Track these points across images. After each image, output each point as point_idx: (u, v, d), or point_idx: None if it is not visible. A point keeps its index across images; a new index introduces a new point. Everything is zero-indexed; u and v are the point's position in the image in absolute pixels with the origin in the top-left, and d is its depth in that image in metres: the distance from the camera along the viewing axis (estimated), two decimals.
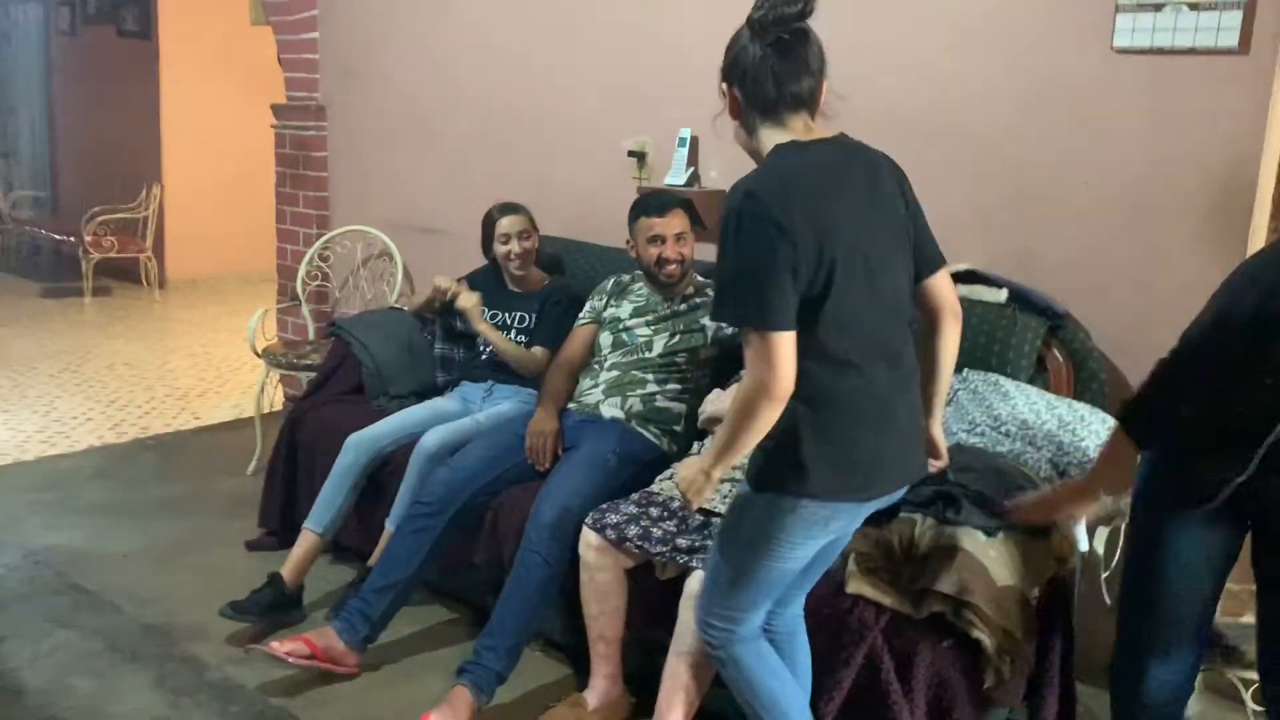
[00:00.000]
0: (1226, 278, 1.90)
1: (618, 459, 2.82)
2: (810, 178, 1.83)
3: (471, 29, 4.15)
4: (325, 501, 3.11)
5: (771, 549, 1.91)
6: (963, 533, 2.25)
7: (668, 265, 2.98)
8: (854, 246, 1.81)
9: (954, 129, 3.01)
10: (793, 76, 1.87)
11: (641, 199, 3.10)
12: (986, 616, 2.12)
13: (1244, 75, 2.52)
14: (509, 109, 4.08)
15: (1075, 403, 2.64)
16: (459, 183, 4.28)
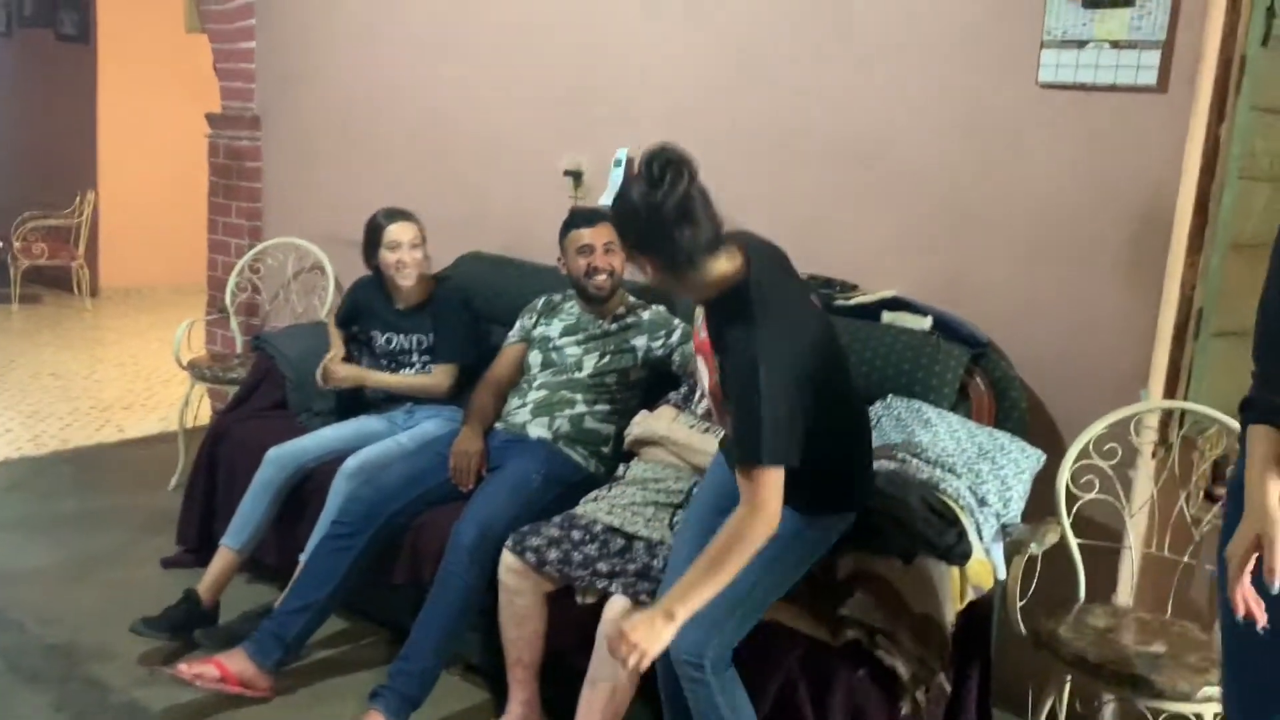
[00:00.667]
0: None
1: (542, 480, 2.79)
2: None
3: (410, 42, 4.12)
4: (243, 517, 3.04)
5: (802, 566, 2.15)
6: (878, 560, 2.25)
7: (597, 275, 2.96)
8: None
9: (883, 159, 3.03)
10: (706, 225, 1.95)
11: (570, 215, 3.08)
12: (903, 644, 2.12)
13: (1162, 112, 2.56)
14: (447, 124, 4.05)
15: (996, 431, 2.66)
16: (394, 196, 4.17)
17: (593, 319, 3.05)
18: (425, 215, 3.90)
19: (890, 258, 3.03)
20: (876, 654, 2.13)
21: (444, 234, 3.95)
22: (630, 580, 2.38)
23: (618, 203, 2.05)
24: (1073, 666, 2.24)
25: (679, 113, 3.42)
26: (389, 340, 3.31)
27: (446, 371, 3.24)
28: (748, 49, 3.27)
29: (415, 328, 3.30)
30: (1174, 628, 2.38)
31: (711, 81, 3.35)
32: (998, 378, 2.78)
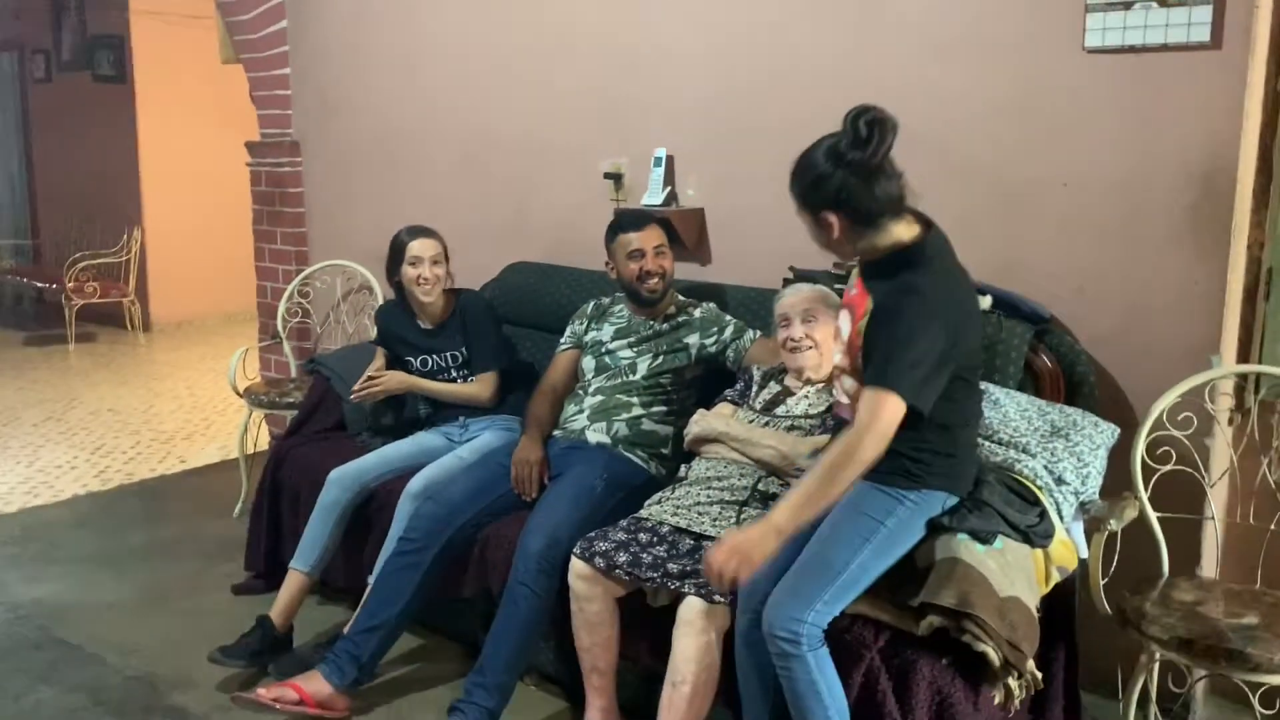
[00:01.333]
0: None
1: (605, 485, 2.77)
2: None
3: (445, 57, 4.13)
4: (310, 540, 3.06)
5: (904, 546, 2.13)
6: (960, 544, 2.19)
7: (650, 279, 2.94)
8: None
9: (932, 140, 2.96)
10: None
11: (617, 218, 3.07)
12: (991, 629, 2.05)
13: (1217, 69, 2.49)
14: (485, 136, 4.05)
15: (1066, 407, 2.59)
16: (435, 211, 4.21)
17: (644, 320, 3.03)
18: (467, 227, 3.93)
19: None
20: (964, 639, 2.07)
21: (488, 245, 3.98)
22: (702, 580, 2.35)
23: (807, 162, 2.12)
24: (1162, 644, 2.17)
25: (718, 110, 3.39)
26: (424, 363, 3.32)
27: (487, 380, 3.25)
28: (784, 40, 3.24)
29: (447, 345, 3.30)
30: (1265, 598, 2.31)
31: (749, 76, 3.32)
32: (1063, 353, 2.72)
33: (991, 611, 2.08)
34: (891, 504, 2.12)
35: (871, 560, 2.11)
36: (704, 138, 3.44)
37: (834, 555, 2.08)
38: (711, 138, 3.42)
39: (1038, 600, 2.19)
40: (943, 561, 2.17)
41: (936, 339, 2.00)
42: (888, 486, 2.13)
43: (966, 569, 2.13)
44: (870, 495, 2.13)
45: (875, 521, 2.11)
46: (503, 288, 3.77)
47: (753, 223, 3.35)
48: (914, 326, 2.00)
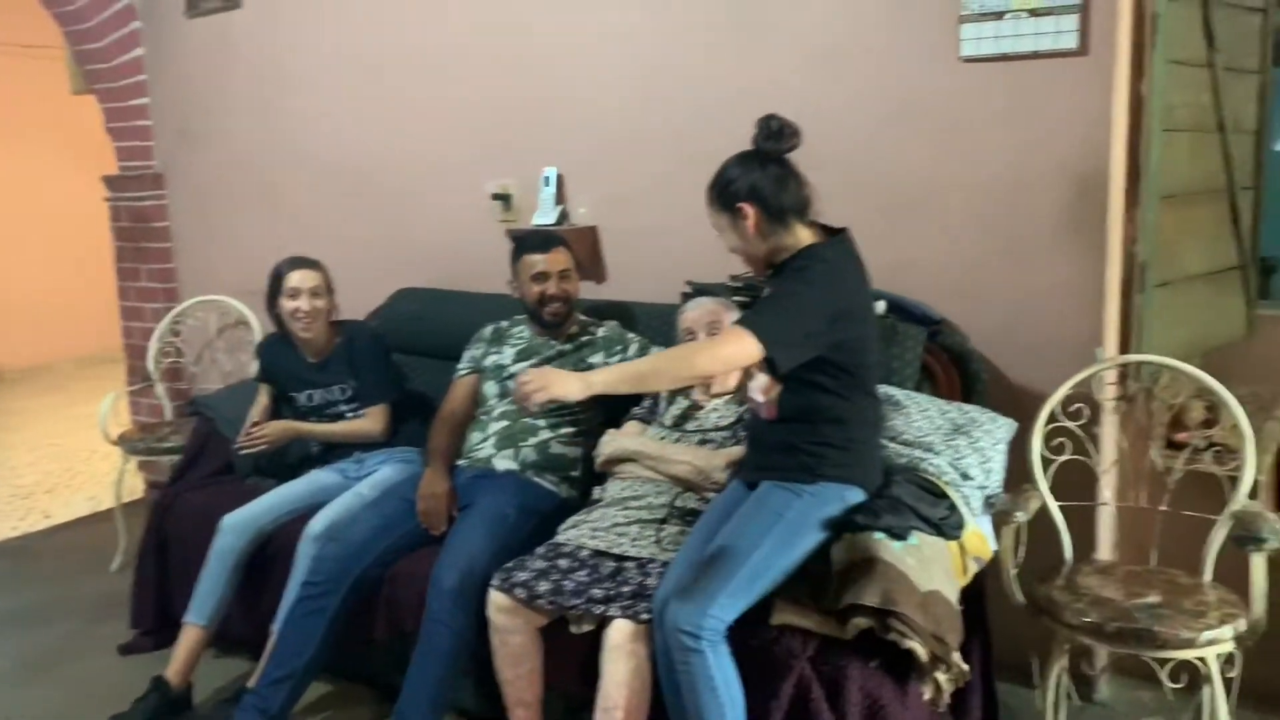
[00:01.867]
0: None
1: (517, 513, 2.72)
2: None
3: (315, 82, 4.01)
4: (205, 591, 2.90)
5: (806, 540, 2.18)
6: (877, 544, 2.21)
7: (552, 303, 2.91)
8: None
9: (816, 149, 3.01)
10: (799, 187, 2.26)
11: (524, 237, 3.02)
12: (915, 624, 2.08)
13: (1085, 74, 2.61)
14: (362, 161, 3.94)
15: (964, 405, 2.67)
16: (313, 242, 4.05)
17: (546, 341, 2.99)
18: (350, 256, 3.82)
19: None
20: (889, 638, 2.10)
21: (373, 272, 3.87)
22: (628, 602, 2.32)
23: (724, 165, 2.29)
24: (1075, 629, 2.25)
25: (606, 128, 3.39)
26: (310, 397, 3.20)
27: (377, 414, 3.16)
28: (669, 56, 3.25)
29: (333, 379, 3.19)
30: (1162, 576, 2.42)
31: (636, 93, 3.32)
32: (956, 353, 2.80)
33: (914, 607, 2.10)
34: (790, 497, 2.21)
35: (773, 554, 2.16)
36: (593, 156, 3.43)
37: (736, 549, 2.14)
38: (601, 155, 3.41)
39: (958, 592, 2.24)
40: (862, 562, 2.19)
41: (812, 311, 2.11)
42: (786, 482, 2.24)
43: (886, 567, 2.16)
44: (771, 492, 2.24)
45: (775, 514, 2.19)
46: (391, 316, 3.67)
47: (646, 239, 3.35)
48: (793, 293, 2.14)
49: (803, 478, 2.24)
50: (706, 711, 2.07)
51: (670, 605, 2.11)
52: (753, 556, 2.14)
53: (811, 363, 2.17)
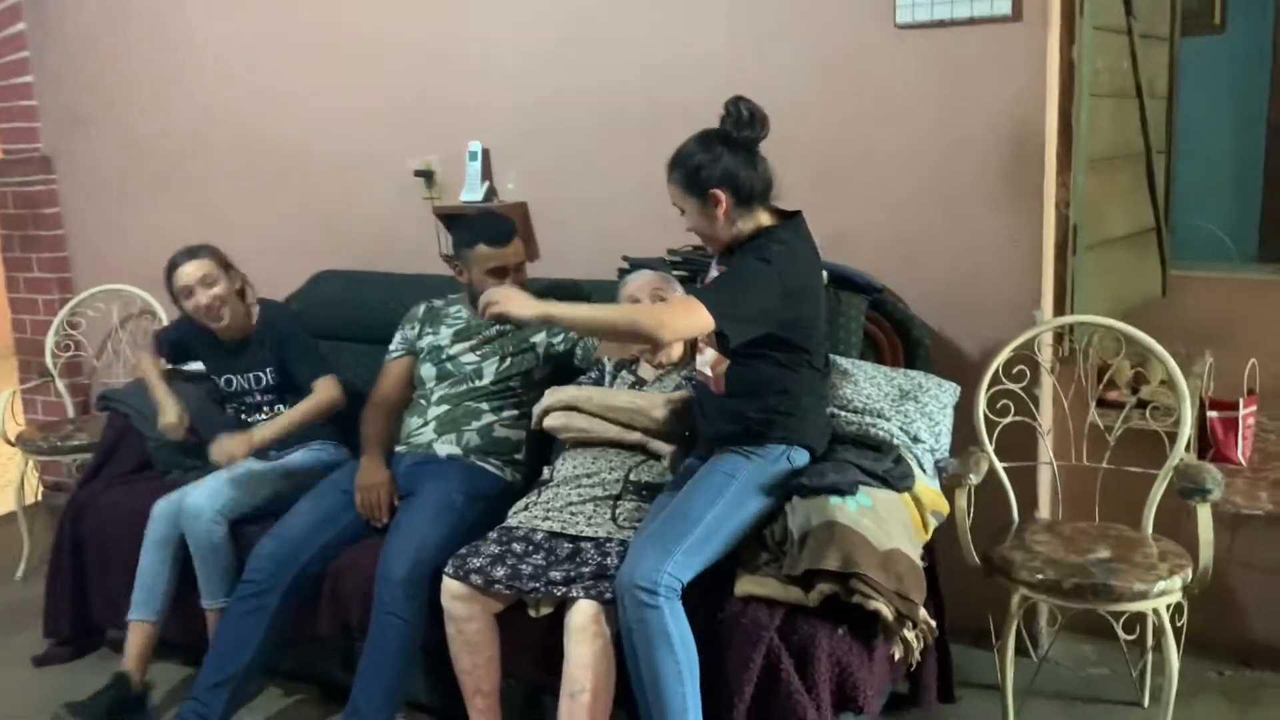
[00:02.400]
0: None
1: (463, 498, 2.64)
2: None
3: (218, 59, 3.81)
4: (146, 584, 2.75)
5: (756, 501, 2.23)
6: (833, 508, 2.20)
7: None
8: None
9: None
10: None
11: (476, 223, 2.90)
12: (879, 585, 2.07)
13: (1020, 39, 2.64)
14: (273, 141, 3.77)
15: (909, 371, 2.69)
16: (220, 224, 3.89)
17: (486, 322, 2.90)
18: (263, 239, 3.68)
19: None
20: (854, 601, 2.09)
21: (290, 257, 3.72)
22: (589, 582, 2.27)
23: (694, 146, 2.27)
24: (1033, 587, 2.29)
25: (532, 100, 3.30)
26: (228, 382, 3.05)
27: (327, 384, 2.98)
28: (596, 25, 3.18)
29: (251, 365, 3.03)
30: (1108, 532, 2.48)
31: (564, 63, 3.24)
32: (898, 319, 2.81)
33: (875, 568, 2.10)
34: (739, 460, 2.28)
35: (725, 515, 2.21)
36: (520, 129, 3.34)
37: (690, 510, 2.20)
38: (528, 129, 3.32)
39: (919, 549, 2.25)
40: (819, 528, 2.17)
41: (765, 289, 2.16)
42: (737, 447, 2.30)
43: (844, 530, 2.14)
44: (724, 457, 2.30)
45: (726, 476, 2.25)
46: (312, 299, 3.53)
47: (579, 213, 3.28)
48: (749, 271, 2.18)
49: (750, 442, 2.30)
50: (663, 669, 2.07)
51: (627, 562, 2.13)
52: (706, 517, 2.19)
53: (761, 339, 2.21)
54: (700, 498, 2.23)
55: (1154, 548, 2.37)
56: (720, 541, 2.20)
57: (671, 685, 2.07)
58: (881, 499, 2.26)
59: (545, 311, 2.13)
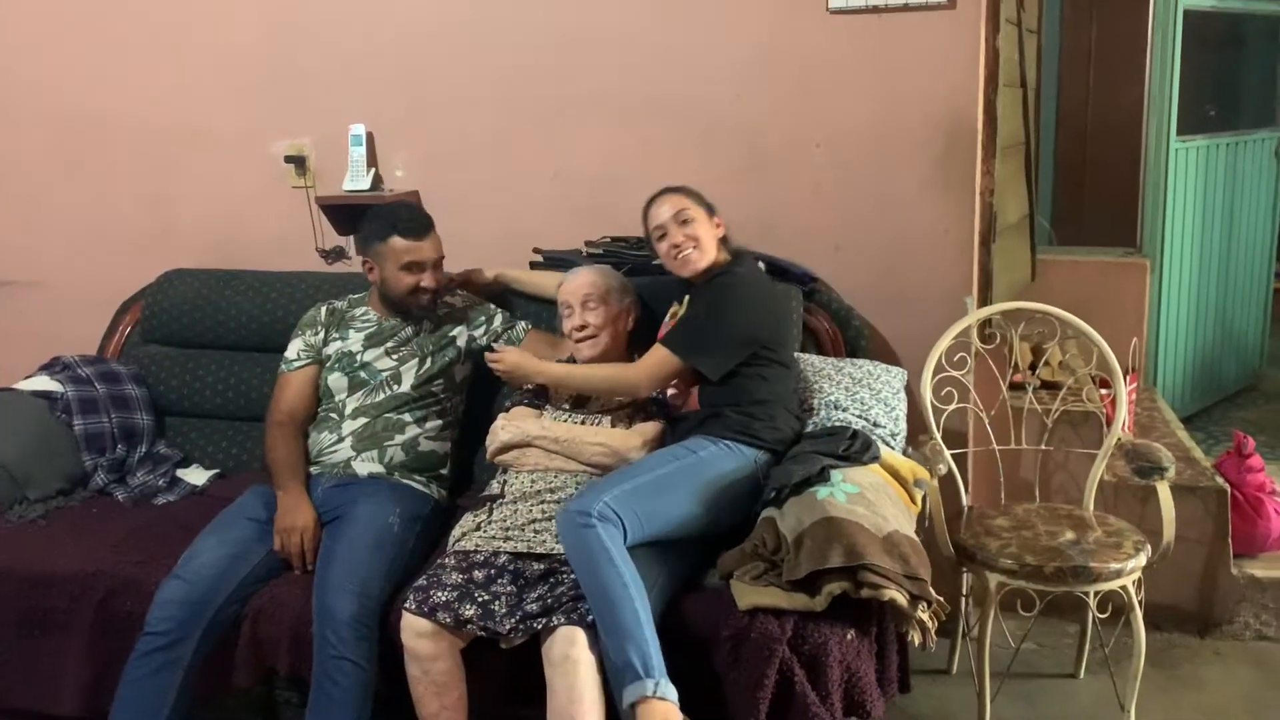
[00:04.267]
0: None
1: (400, 521, 2.37)
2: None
3: (31, 25, 3.27)
4: None
5: (703, 475, 2.23)
6: (821, 503, 2.11)
7: (424, 295, 2.55)
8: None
9: (674, 102, 2.88)
10: None
11: (389, 213, 2.60)
12: (888, 571, 2.00)
13: (953, 27, 2.65)
14: (104, 121, 3.28)
15: (856, 360, 2.66)
16: (37, 219, 3.39)
17: (400, 322, 2.62)
18: (88, 233, 3.29)
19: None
20: (863, 594, 2.01)
21: (126, 253, 3.27)
22: (568, 605, 2.08)
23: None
24: (1013, 574, 2.30)
25: (422, 79, 3.03)
26: None
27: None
28: (502, 3, 2.94)
29: None
30: (1061, 512, 2.54)
31: (456, 41, 2.99)
32: (835, 310, 2.78)
33: (879, 553, 2.02)
34: (706, 442, 2.31)
35: (675, 477, 2.21)
36: (407, 110, 3.05)
37: (642, 465, 2.26)
38: (417, 110, 3.05)
39: (914, 523, 2.21)
40: (814, 526, 2.08)
41: (738, 317, 2.35)
42: (710, 434, 2.32)
43: (840, 524, 2.06)
44: (691, 439, 2.33)
45: (688, 449, 2.29)
46: (163, 302, 3.09)
47: (477, 201, 3.04)
48: (720, 303, 2.36)
49: (724, 434, 2.32)
50: (610, 584, 2.00)
51: (571, 502, 2.14)
52: (656, 471, 2.22)
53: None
54: (654, 459, 2.28)
55: (1111, 525, 2.45)
56: (664, 504, 2.16)
57: (621, 597, 1.99)
58: (867, 482, 2.21)
59: (547, 372, 2.45)
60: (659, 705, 1.91)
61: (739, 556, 2.17)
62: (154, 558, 2.41)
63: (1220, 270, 4.31)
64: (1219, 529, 2.88)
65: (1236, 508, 2.91)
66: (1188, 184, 4.01)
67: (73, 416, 2.81)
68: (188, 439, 3.03)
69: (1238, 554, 2.91)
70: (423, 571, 2.25)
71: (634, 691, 1.92)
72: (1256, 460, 3.01)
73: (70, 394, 2.84)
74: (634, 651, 1.94)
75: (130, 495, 2.75)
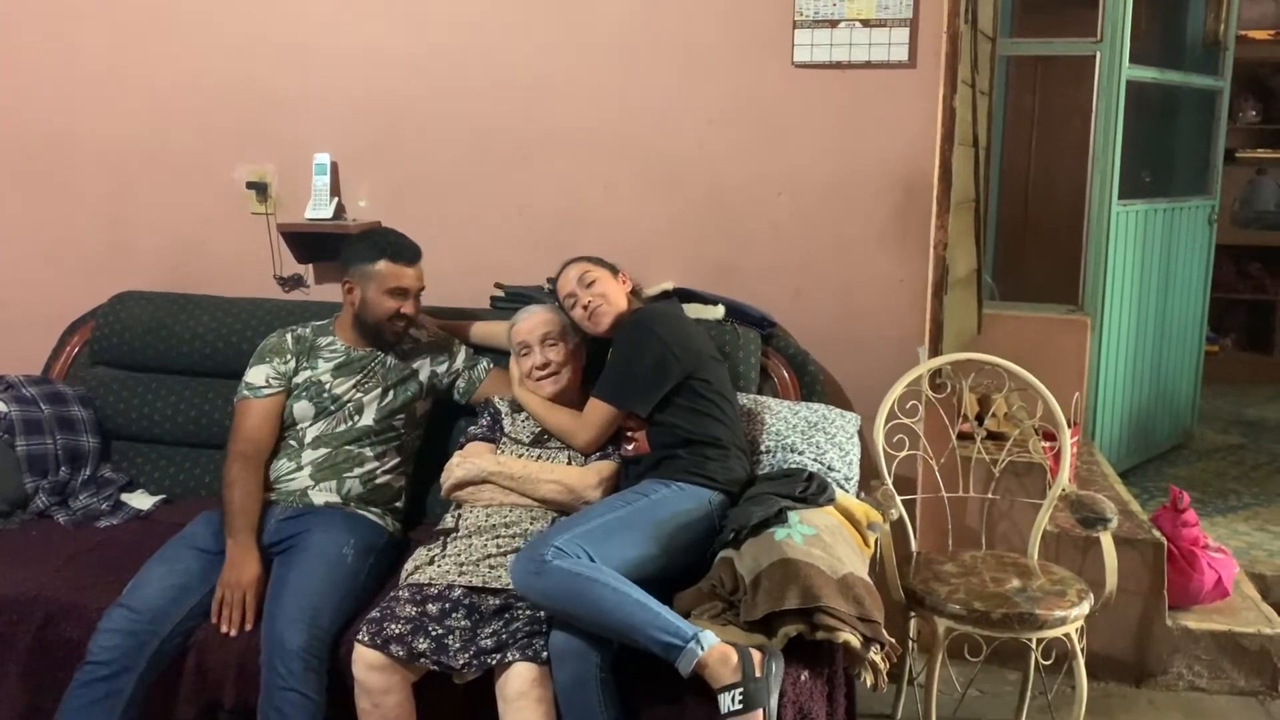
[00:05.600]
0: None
1: (354, 553, 2.35)
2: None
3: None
4: None
5: (655, 517, 2.24)
6: (778, 544, 2.13)
7: (400, 322, 2.55)
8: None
9: (637, 148, 2.93)
10: None
11: (379, 237, 2.61)
12: (842, 614, 2.03)
13: (914, 86, 2.74)
14: (63, 139, 3.24)
15: (812, 403, 2.70)
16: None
17: (371, 352, 2.61)
18: (35, 254, 3.17)
19: (658, 251, 2.95)
20: (818, 636, 2.03)
21: (75, 273, 3.23)
22: (523, 641, 2.08)
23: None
24: (960, 619, 2.33)
25: (386, 111, 3.05)
26: None
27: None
28: (466, 37, 2.98)
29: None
30: (1006, 560, 2.59)
31: (422, 74, 3.02)
32: (791, 354, 2.83)
33: (835, 595, 2.05)
34: (659, 484, 2.33)
35: (627, 520, 2.21)
36: (372, 141, 3.06)
37: (592, 511, 2.26)
38: (382, 141, 3.06)
39: (867, 566, 2.24)
40: (771, 568, 2.10)
41: (650, 348, 2.40)
42: (662, 477, 2.36)
43: (798, 565, 2.08)
44: (644, 483, 2.36)
45: (640, 494, 2.31)
46: (115, 324, 3.04)
47: (441, 234, 3.02)
48: (631, 340, 2.45)
49: (676, 476, 2.35)
50: (599, 599, 2.00)
51: (517, 558, 2.11)
52: (608, 515, 2.22)
53: (670, 394, 2.41)
54: (606, 504, 2.29)
55: (1055, 573, 2.50)
56: (617, 546, 2.14)
57: (616, 602, 2.00)
58: (823, 524, 2.24)
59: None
60: (714, 653, 1.95)
61: (696, 595, 2.18)
62: (97, 583, 2.36)
63: (1156, 330, 4.45)
64: (1155, 581, 2.96)
65: (1172, 561, 3.00)
66: (1128, 246, 4.15)
67: (15, 437, 2.75)
68: (134, 463, 2.97)
69: (1172, 606, 3.00)
70: (375, 604, 2.23)
71: (687, 660, 1.95)
72: (1191, 515, 3.11)
73: (14, 414, 2.78)
74: (660, 632, 1.97)
75: (72, 518, 2.70)
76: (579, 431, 2.48)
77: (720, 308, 2.80)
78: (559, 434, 2.51)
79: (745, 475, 2.43)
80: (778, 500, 2.27)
